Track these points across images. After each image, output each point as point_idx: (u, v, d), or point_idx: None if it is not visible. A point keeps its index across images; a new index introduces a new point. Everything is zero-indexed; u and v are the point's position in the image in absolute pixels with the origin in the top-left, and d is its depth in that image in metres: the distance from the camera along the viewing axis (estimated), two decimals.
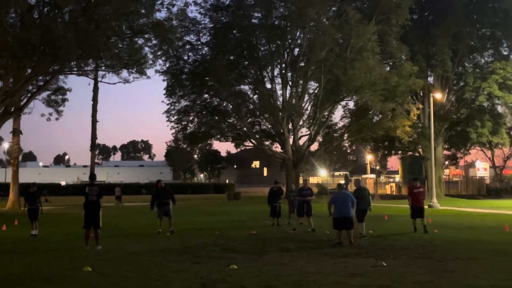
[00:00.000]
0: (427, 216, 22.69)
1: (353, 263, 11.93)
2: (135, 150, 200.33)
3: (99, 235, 14.69)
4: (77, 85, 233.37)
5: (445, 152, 61.62)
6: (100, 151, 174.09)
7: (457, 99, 54.30)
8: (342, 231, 15.28)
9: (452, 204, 40.22)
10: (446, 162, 72.82)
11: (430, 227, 18.84)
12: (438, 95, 47.50)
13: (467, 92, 49.29)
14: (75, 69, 38.65)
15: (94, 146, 46.69)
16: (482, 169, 71.79)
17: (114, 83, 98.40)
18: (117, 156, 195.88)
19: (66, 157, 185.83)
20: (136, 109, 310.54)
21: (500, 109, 51.17)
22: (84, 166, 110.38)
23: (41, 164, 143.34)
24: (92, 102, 44.73)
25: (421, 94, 51.15)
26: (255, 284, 9.44)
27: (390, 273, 10.56)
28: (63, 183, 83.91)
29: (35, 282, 9.81)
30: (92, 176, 15.64)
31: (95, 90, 43.82)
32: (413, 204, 18.68)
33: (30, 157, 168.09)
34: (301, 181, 44.74)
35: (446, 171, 74.59)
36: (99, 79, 42.89)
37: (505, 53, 52.20)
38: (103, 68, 39.28)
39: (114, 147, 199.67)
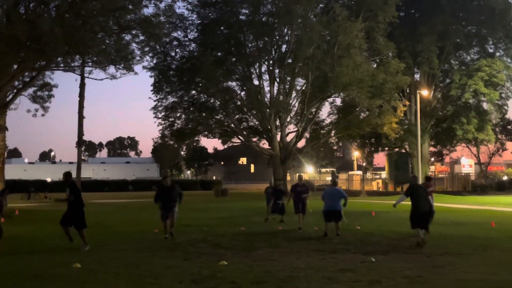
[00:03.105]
0: None
1: (342, 258, 12.00)
2: (121, 146, 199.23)
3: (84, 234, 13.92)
4: (64, 81, 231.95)
5: (431, 148, 62.11)
6: (86, 148, 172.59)
7: (443, 96, 54.67)
8: (330, 223, 16.41)
9: (438, 201, 40.30)
10: (432, 159, 73.36)
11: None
12: (425, 92, 47.85)
13: (453, 89, 49.66)
14: (62, 65, 38.25)
15: (80, 142, 46.39)
16: (467, 166, 72.36)
17: (101, 79, 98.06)
18: (103, 153, 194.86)
19: (52, 153, 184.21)
20: (122, 106, 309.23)
21: (485, 106, 51.65)
22: (70, 163, 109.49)
23: (26, 160, 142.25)
24: (78, 98, 44.44)
25: (408, 91, 51.46)
26: (245, 280, 9.46)
27: (379, 268, 10.64)
28: (48, 179, 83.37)
29: (24, 279, 9.76)
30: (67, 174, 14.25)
31: (82, 86, 43.52)
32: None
33: (15, 153, 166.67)
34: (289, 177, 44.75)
35: (432, 168, 75.17)
36: (86, 75, 42.57)
37: (491, 50, 52.66)
38: (90, 64, 38.90)
39: (100, 144, 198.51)
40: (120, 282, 9.44)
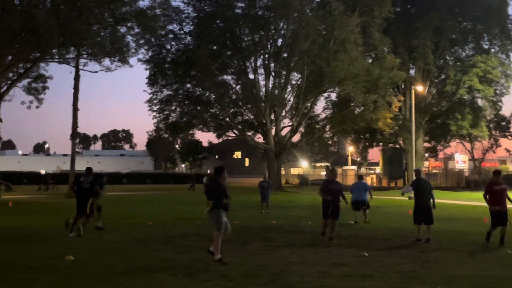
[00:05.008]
0: (407, 208, 22.91)
1: (336, 253, 12.04)
2: (116, 139, 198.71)
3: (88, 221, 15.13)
4: (58, 73, 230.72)
5: (425, 144, 62.22)
6: (81, 140, 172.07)
7: (438, 92, 54.78)
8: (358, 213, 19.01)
9: None
10: (426, 154, 73.46)
11: (410, 219, 16.18)
12: (420, 88, 47.89)
13: (448, 85, 49.74)
14: (57, 57, 38.22)
15: (75, 134, 46.17)
16: (461, 162, 72.49)
17: (96, 72, 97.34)
18: (98, 145, 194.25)
19: (46, 145, 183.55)
20: (117, 98, 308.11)
21: (480, 102, 51.71)
22: (64, 155, 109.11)
23: (20, 152, 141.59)
24: (73, 90, 44.23)
25: (403, 86, 51.52)
26: (238, 273, 9.49)
27: (372, 263, 10.68)
28: (42, 171, 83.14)
29: (18, 270, 9.76)
30: (88, 169, 15.62)
31: (77, 78, 43.25)
32: (493, 207, 13.23)
33: (9, 145, 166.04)
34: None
35: (426, 163, 75.31)
36: (81, 67, 42.39)
37: (486, 46, 52.70)
38: (85, 56, 38.89)
39: (95, 136, 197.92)
40: (113, 274, 9.45)
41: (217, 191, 10.94)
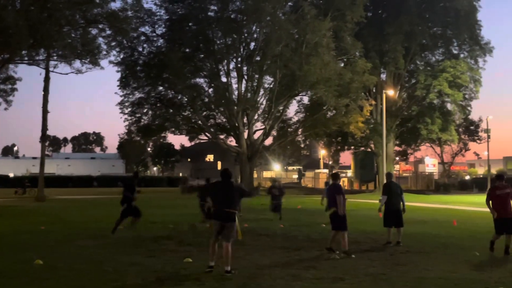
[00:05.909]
0: (377, 211, 23.11)
1: (307, 256, 12.10)
2: (86, 142, 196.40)
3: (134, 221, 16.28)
4: (28, 75, 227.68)
5: (396, 148, 62.85)
6: (51, 143, 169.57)
7: (408, 96, 55.40)
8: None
9: None
10: (397, 158, 74.29)
11: (380, 222, 15.57)
12: (391, 92, 48.44)
13: (418, 90, 50.39)
14: (26, 58, 37.69)
15: (44, 137, 45.58)
16: (431, 165, 73.61)
17: (67, 74, 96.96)
18: (68, 148, 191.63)
19: (15, 148, 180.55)
20: (88, 100, 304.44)
21: (449, 106, 52.50)
22: (34, 158, 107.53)
23: None
24: (43, 93, 43.68)
25: (374, 90, 52.00)
26: (210, 277, 9.47)
27: (343, 265, 10.77)
28: (11, 174, 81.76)
29: None
30: (135, 173, 17.73)
31: (47, 80, 42.76)
32: (498, 214, 12.12)
33: None
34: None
35: (397, 167, 76.15)
36: (51, 69, 41.91)
37: (455, 52, 53.45)
38: (55, 57, 38.44)
39: (65, 139, 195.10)
40: (82, 279, 9.33)
41: (235, 194, 10.29)
